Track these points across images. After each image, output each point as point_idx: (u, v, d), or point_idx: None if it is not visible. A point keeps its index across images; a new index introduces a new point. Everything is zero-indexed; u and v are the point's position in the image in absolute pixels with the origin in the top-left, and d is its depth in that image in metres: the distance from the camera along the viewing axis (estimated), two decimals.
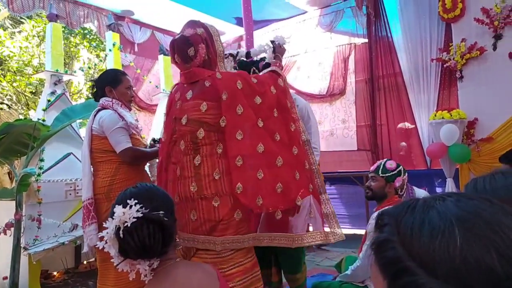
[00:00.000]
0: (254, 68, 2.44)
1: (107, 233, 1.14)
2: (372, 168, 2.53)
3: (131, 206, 1.13)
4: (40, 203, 3.42)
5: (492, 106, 4.19)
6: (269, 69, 2.23)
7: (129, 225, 1.10)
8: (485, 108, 4.24)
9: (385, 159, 2.55)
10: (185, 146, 2.00)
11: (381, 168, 2.45)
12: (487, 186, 0.91)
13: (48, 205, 3.47)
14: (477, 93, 4.32)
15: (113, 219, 1.13)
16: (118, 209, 1.13)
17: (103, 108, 2.47)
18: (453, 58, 4.42)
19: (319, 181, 2.13)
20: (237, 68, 2.48)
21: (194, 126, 1.97)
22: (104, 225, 1.17)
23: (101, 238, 1.17)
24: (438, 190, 4.81)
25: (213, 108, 1.95)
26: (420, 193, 3.87)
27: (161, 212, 1.17)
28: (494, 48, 4.23)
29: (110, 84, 2.52)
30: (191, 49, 2.00)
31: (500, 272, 0.40)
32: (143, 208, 1.14)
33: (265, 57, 2.51)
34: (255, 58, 2.51)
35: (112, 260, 1.17)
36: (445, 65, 4.58)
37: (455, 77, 4.54)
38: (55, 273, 3.96)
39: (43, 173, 3.53)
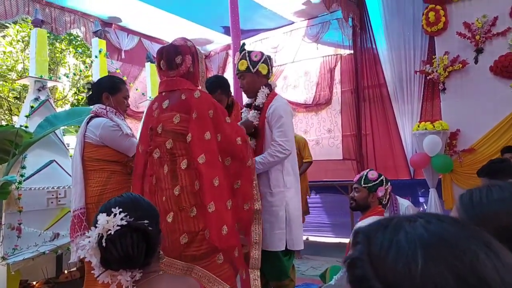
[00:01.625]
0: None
1: (89, 242, 1.11)
2: (355, 179, 2.55)
3: (115, 214, 1.11)
4: (21, 211, 3.35)
5: (474, 117, 4.29)
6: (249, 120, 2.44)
7: (112, 233, 1.08)
8: (467, 119, 4.34)
9: (367, 170, 2.58)
10: (161, 156, 1.99)
11: (363, 178, 2.48)
12: (484, 199, 0.90)
13: (29, 213, 3.39)
14: (459, 105, 4.42)
15: (96, 227, 1.11)
16: (102, 217, 1.11)
17: (97, 115, 2.41)
18: (436, 71, 4.53)
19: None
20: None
21: (168, 137, 1.97)
22: (86, 234, 1.14)
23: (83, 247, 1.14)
24: (421, 199, 4.88)
25: (186, 121, 1.97)
26: (404, 202, 3.91)
27: (145, 221, 1.15)
28: (476, 61, 4.34)
29: (108, 91, 2.47)
30: (179, 57, 2.04)
31: None
32: (128, 216, 1.12)
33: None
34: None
35: (93, 272, 1.14)
36: (428, 77, 4.69)
37: (438, 89, 4.64)
38: (34, 283, 3.86)
39: (24, 180, 3.45)
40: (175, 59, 2.03)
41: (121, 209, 1.13)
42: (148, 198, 1.96)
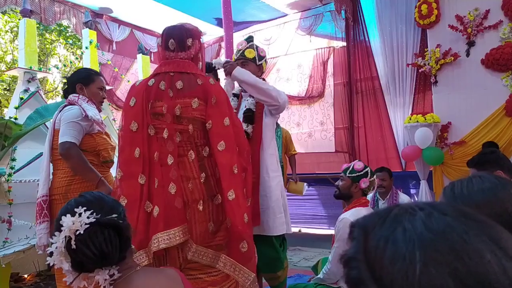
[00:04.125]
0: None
1: (56, 247, 1.04)
2: (342, 168, 2.58)
3: (80, 214, 1.06)
4: (11, 204, 3.31)
5: (465, 110, 4.32)
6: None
7: (82, 233, 1.03)
8: (458, 112, 4.37)
9: (356, 160, 2.60)
10: (182, 142, 1.90)
11: (350, 168, 2.51)
12: (464, 190, 0.91)
13: (19, 206, 3.36)
14: (450, 97, 4.45)
15: (60, 231, 1.04)
16: (66, 219, 1.04)
17: (70, 104, 2.38)
18: (428, 63, 4.54)
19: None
20: None
21: (189, 123, 1.90)
22: (51, 240, 1.08)
23: (50, 254, 1.08)
24: (413, 191, 4.93)
25: (203, 108, 1.92)
26: (405, 198, 3.90)
27: (114, 215, 1.11)
28: (467, 54, 4.36)
29: (81, 82, 2.44)
30: (190, 40, 1.99)
31: None
32: (94, 214, 1.07)
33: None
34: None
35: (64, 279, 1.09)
36: (420, 70, 4.70)
37: (430, 82, 4.66)
38: (26, 275, 3.84)
39: (14, 173, 3.42)
40: (187, 40, 1.98)
41: (85, 208, 1.08)
42: (161, 191, 1.81)
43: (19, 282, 3.73)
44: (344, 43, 5.61)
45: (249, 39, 2.67)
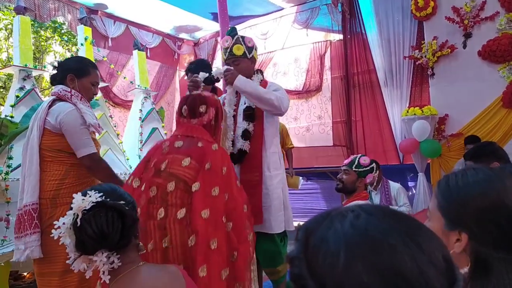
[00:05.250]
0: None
1: (63, 223, 1.10)
2: (346, 161, 2.56)
3: (90, 195, 1.12)
4: (9, 202, 3.30)
5: (462, 102, 4.32)
6: None
7: (87, 208, 1.09)
8: (456, 104, 4.37)
9: (360, 155, 2.59)
10: (155, 198, 1.75)
11: (355, 163, 2.49)
12: (459, 182, 0.91)
13: (17, 204, 3.34)
14: (447, 90, 4.44)
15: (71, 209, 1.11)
16: (77, 197, 1.11)
17: (60, 99, 2.12)
18: (425, 56, 4.53)
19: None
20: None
21: (171, 179, 1.74)
22: (55, 223, 1.12)
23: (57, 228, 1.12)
24: (411, 184, 4.94)
25: (194, 170, 1.77)
26: (395, 185, 3.97)
27: (121, 202, 1.15)
28: (464, 46, 4.35)
29: (74, 72, 2.18)
30: (203, 106, 1.97)
31: (367, 285, 0.43)
32: (103, 197, 1.13)
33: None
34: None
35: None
36: (417, 63, 4.70)
37: (427, 74, 4.66)
38: (25, 274, 3.85)
39: (11, 171, 3.41)
40: (199, 107, 1.97)
41: (96, 191, 1.14)
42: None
43: (18, 280, 3.73)
44: (341, 37, 5.59)
45: (232, 32, 2.56)
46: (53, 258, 2.07)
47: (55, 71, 2.26)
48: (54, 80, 2.24)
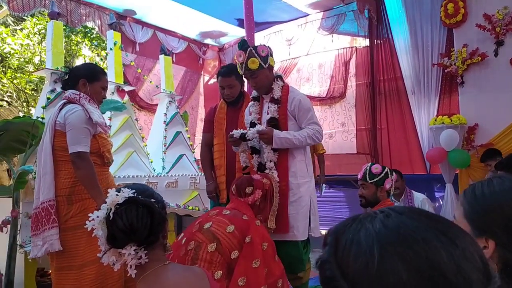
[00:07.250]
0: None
1: (97, 216, 1.17)
2: (359, 176, 2.50)
3: (124, 192, 1.20)
4: None
5: (493, 112, 4.18)
6: None
7: (120, 203, 1.16)
8: (486, 114, 4.24)
9: (369, 164, 2.53)
10: (190, 253, 1.84)
11: (367, 174, 2.43)
12: (486, 190, 0.91)
13: None
14: (478, 98, 4.31)
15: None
16: (112, 192, 1.19)
17: (70, 101, 2.26)
18: (454, 64, 4.42)
19: None
20: None
21: (213, 241, 1.83)
22: (90, 215, 1.20)
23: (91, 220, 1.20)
24: (438, 195, 4.80)
25: (236, 239, 1.88)
26: (419, 196, 3.87)
27: (152, 199, 1.22)
28: (496, 54, 4.22)
29: (86, 78, 2.32)
30: (250, 188, 2.15)
31: (406, 281, 0.44)
32: (135, 194, 1.20)
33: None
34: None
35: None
36: (446, 70, 4.58)
37: (456, 82, 4.54)
38: (51, 271, 3.93)
39: None
40: (246, 188, 2.15)
41: (130, 188, 1.22)
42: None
43: (44, 277, 3.82)
44: (367, 43, 5.52)
45: (244, 45, 2.49)
46: (72, 252, 2.15)
47: (66, 77, 2.41)
48: (66, 85, 2.39)
